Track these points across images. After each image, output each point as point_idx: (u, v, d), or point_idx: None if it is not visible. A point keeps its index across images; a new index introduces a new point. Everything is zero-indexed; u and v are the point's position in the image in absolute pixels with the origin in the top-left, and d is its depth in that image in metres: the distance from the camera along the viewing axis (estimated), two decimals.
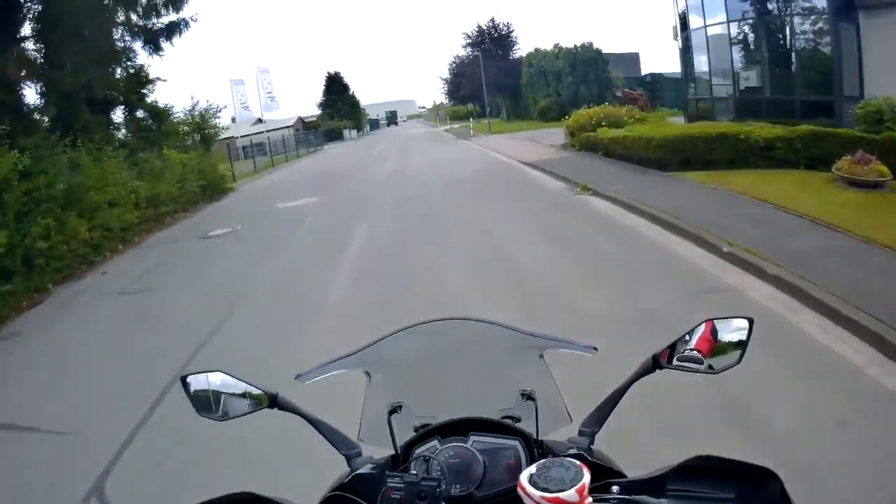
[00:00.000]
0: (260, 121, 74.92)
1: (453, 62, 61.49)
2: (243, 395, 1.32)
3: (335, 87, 73.17)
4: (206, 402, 1.32)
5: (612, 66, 39.40)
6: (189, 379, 1.32)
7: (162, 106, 19.92)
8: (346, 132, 66.76)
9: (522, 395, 1.33)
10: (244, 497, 1.15)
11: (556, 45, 40.38)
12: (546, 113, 37.77)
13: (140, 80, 19.81)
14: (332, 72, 74.83)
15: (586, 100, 36.28)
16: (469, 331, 1.43)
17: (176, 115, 20.31)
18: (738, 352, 1.23)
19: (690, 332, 1.25)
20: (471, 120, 41.32)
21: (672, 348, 1.26)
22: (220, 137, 22.76)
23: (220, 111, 21.61)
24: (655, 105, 37.26)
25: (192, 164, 18.95)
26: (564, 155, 17.54)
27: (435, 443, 1.25)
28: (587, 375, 2.05)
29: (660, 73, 43.10)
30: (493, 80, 43.74)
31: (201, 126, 21.01)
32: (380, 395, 1.37)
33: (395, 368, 1.43)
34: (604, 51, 39.64)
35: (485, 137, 32.60)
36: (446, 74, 65.45)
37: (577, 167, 14.50)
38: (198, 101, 21.87)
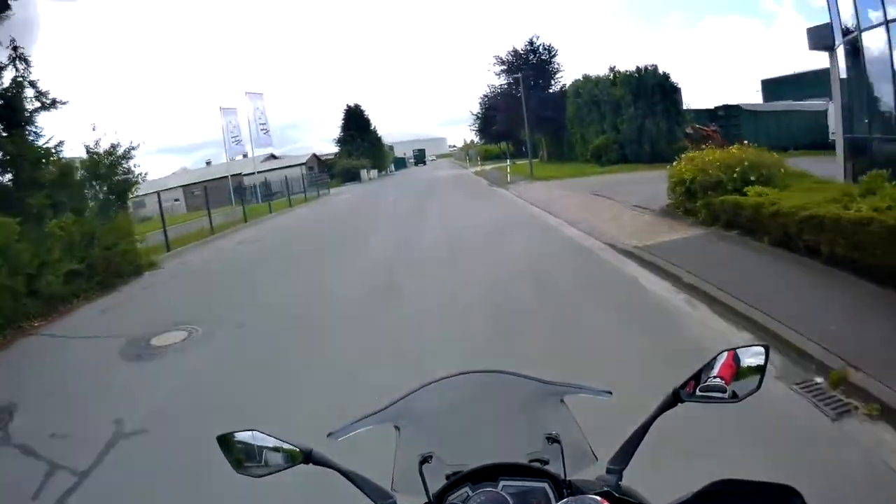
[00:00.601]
0: (273, 157, 69.30)
1: (485, 95, 54.74)
2: (279, 452, 1.34)
3: (355, 122, 66.82)
4: (243, 460, 1.34)
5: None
6: (225, 437, 1.34)
7: (38, 142, 12.96)
8: (363, 172, 60.07)
9: (548, 438, 1.33)
10: None
11: (612, 69, 32.93)
12: (602, 154, 30.12)
13: (13, 103, 12.96)
14: (352, 104, 68.40)
15: (653, 137, 28.79)
16: (492, 382, 1.47)
17: (61, 157, 13.25)
18: (758, 377, 1.27)
19: (711, 363, 1.29)
20: (507, 161, 33.49)
21: (695, 380, 1.30)
22: (138, 191, 15.45)
23: (134, 149, 14.43)
24: (734, 143, 29.52)
25: (69, 234, 11.83)
26: (688, 235, 9.74)
27: (466, 489, 1.26)
28: None
29: (735, 105, 35.46)
30: (531, 113, 36.61)
31: (102, 172, 13.80)
32: (410, 447, 1.37)
33: (423, 420, 1.44)
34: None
35: (527, 185, 25.01)
36: (477, 109, 58.74)
37: (751, 280, 6.85)
38: (105, 134, 14.33)
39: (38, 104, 13.30)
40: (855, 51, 12.93)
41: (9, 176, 12.74)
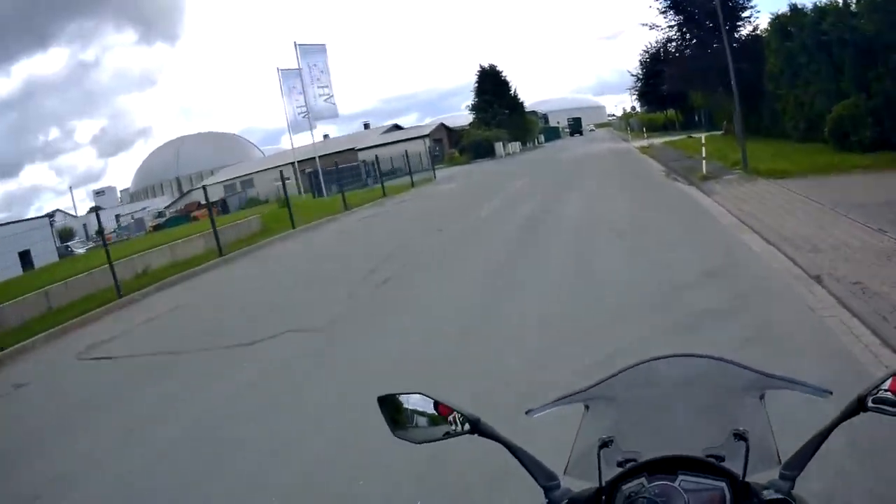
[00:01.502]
0: (398, 127, 62.52)
1: (645, 50, 43.68)
2: (443, 419, 1.22)
3: (490, 86, 58.19)
4: (404, 424, 1.25)
5: None
6: (387, 399, 1.26)
7: None
8: (497, 146, 51.41)
9: (735, 434, 1.18)
10: None
11: None
12: (848, 130, 18.34)
13: None
14: (487, 65, 59.66)
15: None
16: (697, 368, 1.33)
17: None
18: None
19: (891, 375, 1.12)
20: (701, 136, 22.18)
21: (877, 389, 1.14)
22: None
23: None
24: None
25: None
26: None
27: (642, 480, 1.14)
28: None
29: None
30: (710, 68, 26.06)
31: None
32: (593, 429, 1.29)
33: (612, 402, 1.35)
34: None
35: (747, 188, 14.22)
36: (636, 69, 47.68)
37: None
38: None
39: None
40: None
41: None
